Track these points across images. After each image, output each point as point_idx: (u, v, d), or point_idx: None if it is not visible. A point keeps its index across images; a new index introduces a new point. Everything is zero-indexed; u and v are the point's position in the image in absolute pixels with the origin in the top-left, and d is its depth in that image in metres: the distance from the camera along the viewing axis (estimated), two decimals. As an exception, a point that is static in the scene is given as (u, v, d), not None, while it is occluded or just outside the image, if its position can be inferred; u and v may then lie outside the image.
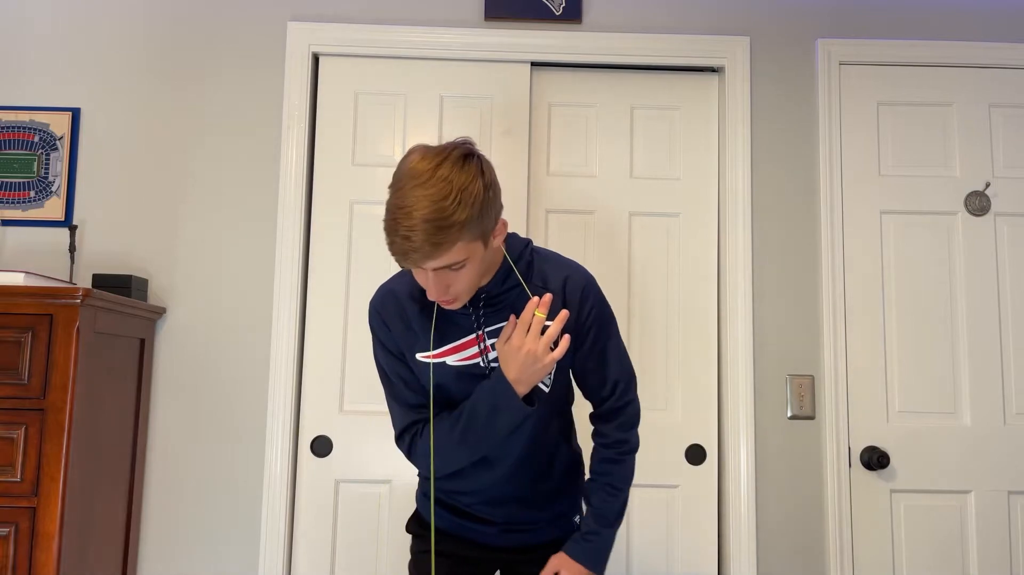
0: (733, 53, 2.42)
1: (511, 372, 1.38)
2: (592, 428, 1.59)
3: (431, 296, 1.36)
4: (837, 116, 2.41)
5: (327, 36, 2.39)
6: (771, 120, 2.42)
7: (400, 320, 1.49)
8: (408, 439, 1.51)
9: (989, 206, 2.40)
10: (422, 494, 1.65)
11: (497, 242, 1.38)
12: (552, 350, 1.38)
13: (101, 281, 2.17)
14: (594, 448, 1.58)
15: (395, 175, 1.31)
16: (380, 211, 2.38)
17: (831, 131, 2.40)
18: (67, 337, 1.85)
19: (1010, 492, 2.31)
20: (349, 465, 2.30)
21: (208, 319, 2.31)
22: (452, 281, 1.34)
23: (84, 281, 2.30)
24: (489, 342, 1.46)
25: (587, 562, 1.51)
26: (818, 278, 2.37)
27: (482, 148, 2.40)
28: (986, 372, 2.34)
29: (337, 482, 2.30)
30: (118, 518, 2.13)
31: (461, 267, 1.32)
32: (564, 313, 1.37)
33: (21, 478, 1.81)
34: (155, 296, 2.32)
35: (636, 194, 2.43)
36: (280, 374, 2.28)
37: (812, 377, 2.33)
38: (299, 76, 2.38)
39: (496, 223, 1.35)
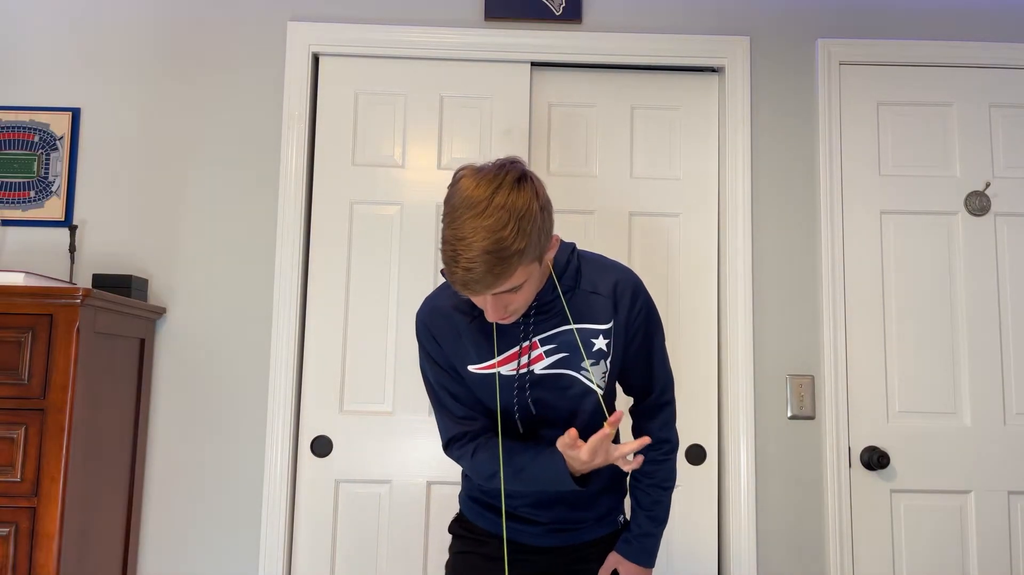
0: (733, 53, 2.42)
1: (574, 469, 1.38)
2: (632, 424, 1.63)
3: (490, 318, 1.35)
4: (837, 116, 2.41)
5: (327, 36, 2.39)
6: (771, 120, 2.42)
7: (450, 334, 1.49)
8: (457, 450, 1.52)
9: (989, 206, 2.40)
10: (468, 498, 1.65)
11: (550, 256, 1.38)
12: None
13: (101, 281, 2.17)
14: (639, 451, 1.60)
15: (449, 203, 1.29)
16: (380, 211, 2.38)
17: (831, 131, 2.40)
18: (67, 337, 1.85)
19: (1010, 492, 2.31)
20: (349, 465, 2.30)
21: (208, 319, 2.31)
22: (510, 302, 1.34)
23: (84, 281, 2.30)
24: (543, 348, 1.46)
25: (641, 560, 1.57)
26: (818, 278, 2.37)
27: (482, 148, 2.42)
28: (986, 372, 2.34)
29: (337, 482, 2.30)
30: (118, 518, 2.13)
31: (519, 289, 1.33)
32: (644, 440, 1.33)
33: (21, 478, 1.81)
34: (155, 296, 2.32)
35: (636, 194, 2.43)
36: (280, 374, 2.28)
37: (812, 377, 2.33)
38: (299, 76, 2.38)
39: (550, 240, 1.35)
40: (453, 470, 2.30)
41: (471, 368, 1.49)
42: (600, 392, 1.49)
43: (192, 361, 2.30)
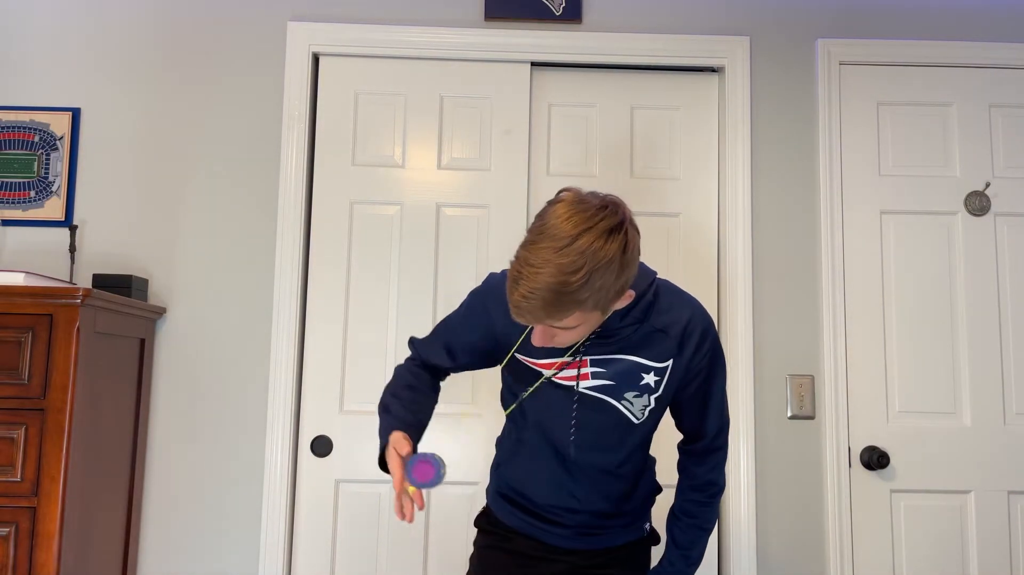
0: (733, 53, 2.42)
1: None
2: (678, 459, 1.59)
3: (535, 342, 1.32)
4: (837, 116, 2.41)
5: (327, 36, 2.39)
6: (771, 120, 2.42)
7: (507, 315, 1.45)
8: (408, 359, 1.59)
9: (989, 206, 2.40)
10: (497, 493, 1.64)
11: (620, 305, 1.32)
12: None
13: (101, 281, 2.17)
14: (680, 487, 1.58)
15: (537, 221, 1.25)
16: (380, 211, 2.38)
17: (831, 131, 2.40)
18: (67, 337, 1.85)
19: (1010, 492, 2.31)
20: (349, 465, 2.30)
21: (208, 319, 2.31)
22: (557, 335, 1.31)
23: (84, 281, 2.30)
24: (591, 369, 1.43)
25: None
26: (818, 278, 2.37)
27: (482, 148, 2.42)
28: (986, 372, 2.34)
29: (337, 482, 2.30)
30: (118, 518, 2.13)
31: (572, 329, 1.29)
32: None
33: (21, 478, 1.81)
34: (155, 296, 2.32)
35: (635, 194, 2.43)
36: (280, 374, 2.28)
37: (812, 377, 2.33)
38: (299, 76, 2.38)
39: (622, 295, 1.28)
40: (454, 470, 2.30)
41: (519, 356, 1.47)
42: (636, 422, 1.47)
43: (192, 361, 2.30)
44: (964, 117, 2.43)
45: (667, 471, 2.42)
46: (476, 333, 1.52)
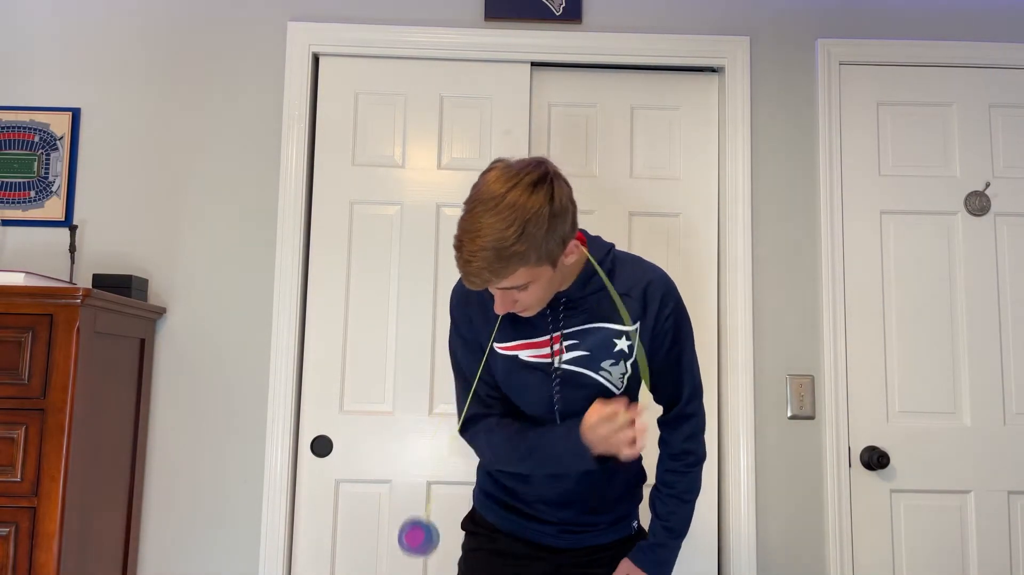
0: (733, 53, 2.42)
1: (592, 444, 1.38)
2: (659, 436, 1.61)
3: (497, 309, 1.39)
4: (837, 116, 2.41)
5: (327, 36, 2.39)
6: (771, 120, 2.42)
7: (480, 311, 1.52)
8: (473, 430, 1.53)
9: (989, 206, 2.40)
10: (481, 492, 1.65)
11: (570, 260, 1.38)
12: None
13: (101, 281, 2.17)
14: (660, 457, 1.59)
15: (472, 190, 1.33)
16: (380, 211, 2.39)
17: (831, 131, 2.40)
18: (67, 337, 1.85)
19: (1010, 492, 2.31)
20: (349, 465, 2.30)
21: (208, 319, 2.31)
22: (518, 298, 1.37)
23: (84, 281, 2.30)
24: (565, 343, 1.47)
25: (653, 571, 1.54)
26: (818, 278, 2.37)
27: (482, 148, 2.42)
28: (986, 372, 2.34)
29: (337, 482, 2.30)
30: (118, 518, 2.13)
31: (525, 288, 1.35)
32: (643, 426, 1.34)
33: (21, 478, 1.81)
34: (155, 296, 2.32)
35: (636, 194, 2.43)
36: (280, 374, 2.28)
37: (812, 377, 2.33)
38: (299, 76, 2.38)
39: (566, 245, 1.35)
40: (453, 470, 2.30)
41: (497, 346, 1.51)
42: (616, 392, 1.49)
43: (192, 361, 2.30)
44: (964, 117, 2.43)
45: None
46: (476, 342, 1.53)
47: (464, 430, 1.55)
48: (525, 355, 1.49)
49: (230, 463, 2.27)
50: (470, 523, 1.67)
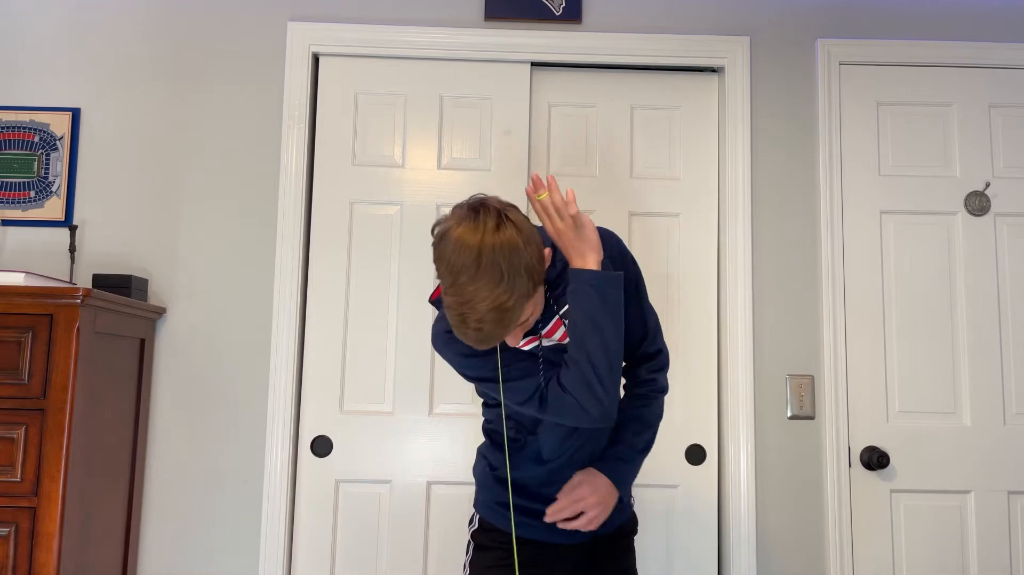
0: (733, 53, 2.42)
1: (580, 258, 1.42)
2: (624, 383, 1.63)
3: (513, 343, 1.44)
4: (837, 116, 2.41)
5: (327, 36, 2.39)
6: (771, 120, 2.42)
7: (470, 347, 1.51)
8: (539, 397, 1.48)
9: (989, 206, 2.40)
10: (494, 502, 1.63)
11: (547, 264, 1.42)
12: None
13: (101, 281, 2.17)
14: (625, 394, 1.63)
15: (442, 263, 1.33)
16: (380, 211, 2.39)
17: (831, 131, 2.40)
18: (67, 337, 1.85)
19: (1010, 492, 2.31)
20: (349, 465, 2.30)
21: (208, 319, 2.31)
22: (524, 327, 1.42)
23: (84, 281, 2.30)
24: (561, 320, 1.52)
25: (612, 476, 1.56)
26: (818, 278, 2.37)
27: (482, 148, 2.42)
28: (986, 372, 2.34)
29: (337, 482, 2.30)
30: (118, 518, 2.13)
31: (530, 318, 1.41)
32: (569, 192, 1.43)
33: (21, 478, 1.81)
34: (155, 296, 2.32)
35: (636, 194, 2.43)
36: (280, 374, 2.28)
37: (812, 377, 2.33)
38: (299, 76, 2.38)
39: (543, 263, 1.38)
40: (453, 470, 2.30)
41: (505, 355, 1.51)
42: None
43: (192, 361, 2.30)
44: (964, 117, 2.43)
45: (667, 472, 2.42)
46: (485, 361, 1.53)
47: (530, 402, 1.50)
48: (529, 347, 1.51)
49: (230, 463, 2.27)
50: (485, 537, 1.64)
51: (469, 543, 1.66)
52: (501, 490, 1.63)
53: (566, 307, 1.48)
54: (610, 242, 1.54)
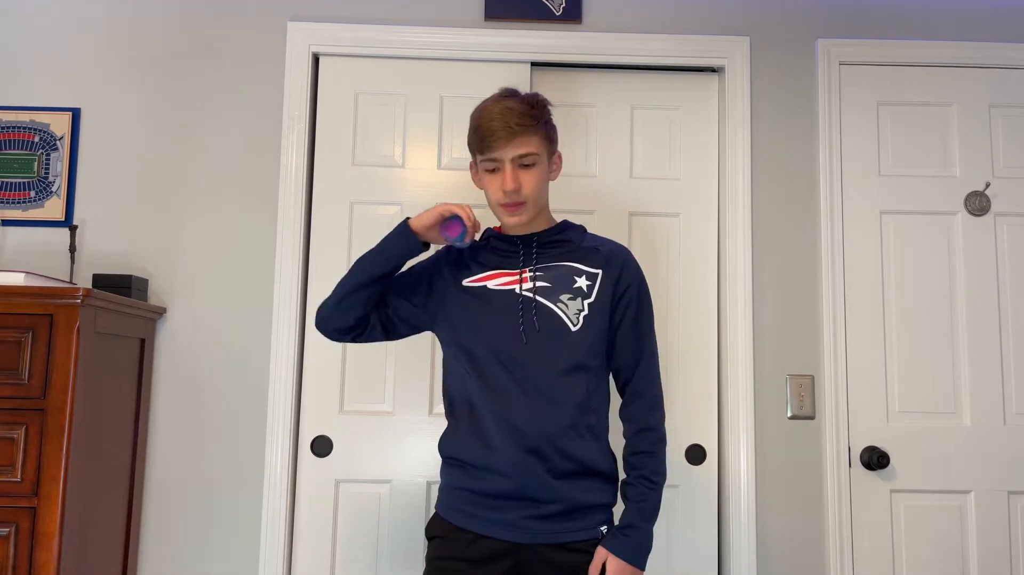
0: (733, 53, 2.42)
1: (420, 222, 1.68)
2: (620, 417, 1.67)
3: (506, 186, 1.58)
4: (837, 116, 2.41)
5: (327, 36, 2.39)
6: (771, 120, 2.42)
7: (454, 260, 1.74)
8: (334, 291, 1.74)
9: (989, 206, 2.40)
10: (446, 491, 1.65)
11: (554, 174, 1.72)
12: None
13: (101, 281, 2.17)
14: (625, 443, 1.64)
15: (477, 107, 1.65)
16: (380, 211, 2.39)
17: (831, 131, 2.40)
18: (67, 337, 1.85)
19: (1010, 492, 2.31)
20: (349, 465, 2.30)
21: (208, 319, 2.31)
22: (524, 179, 1.59)
23: (84, 281, 2.30)
24: (533, 275, 1.65)
25: (629, 557, 1.54)
26: (818, 278, 2.37)
27: (482, 148, 2.41)
28: (986, 372, 2.34)
29: (337, 482, 2.30)
30: (118, 518, 2.13)
31: (533, 164, 1.60)
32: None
33: (21, 478, 1.81)
34: (155, 296, 2.32)
35: (636, 194, 2.43)
36: (280, 374, 2.28)
37: (812, 377, 2.33)
38: (299, 76, 2.38)
39: (555, 148, 1.68)
40: (453, 470, 2.30)
41: (466, 281, 1.69)
42: (572, 328, 1.60)
43: (192, 361, 2.30)
44: (964, 117, 2.43)
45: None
46: (435, 268, 1.75)
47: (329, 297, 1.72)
48: (494, 284, 1.66)
49: (230, 463, 2.27)
50: (433, 529, 1.65)
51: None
52: (451, 473, 1.65)
53: (542, 265, 1.66)
54: (614, 259, 1.67)
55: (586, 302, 1.62)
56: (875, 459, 2.26)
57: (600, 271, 1.65)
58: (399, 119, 2.42)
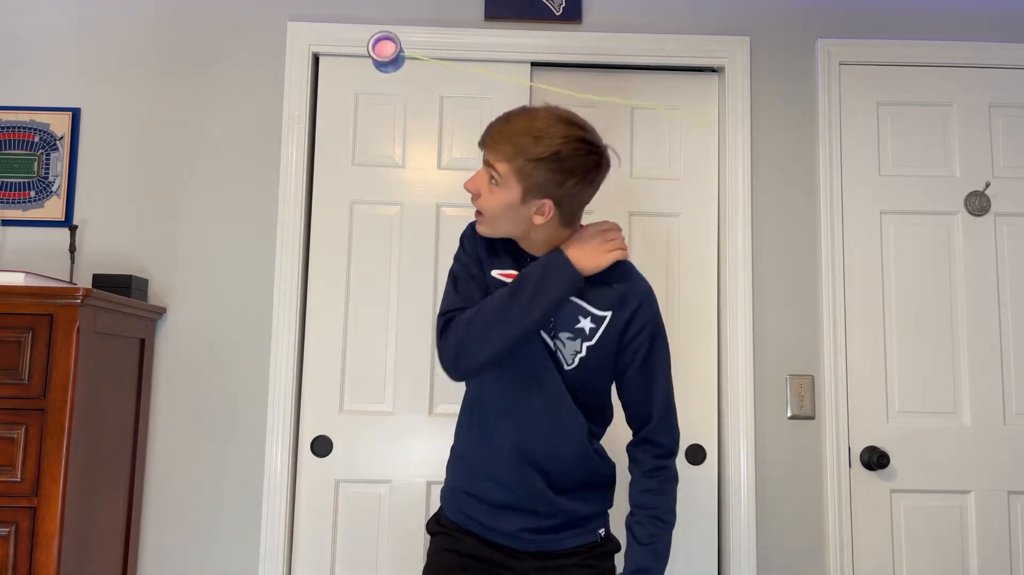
0: (733, 53, 2.42)
1: (579, 258, 1.47)
2: (628, 459, 1.59)
3: (466, 182, 1.49)
4: (837, 116, 2.41)
5: (327, 36, 2.39)
6: (771, 120, 2.42)
7: (485, 245, 1.57)
8: (457, 318, 1.50)
9: (989, 206, 2.40)
10: (451, 488, 1.64)
11: (538, 220, 1.45)
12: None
13: (101, 281, 2.17)
14: (632, 479, 1.56)
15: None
16: (380, 211, 2.39)
17: (831, 131, 2.40)
18: (67, 337, 1.85)
19: (1010, 492, 2.31)
20: (349, 465, 2.30)
21: (208, 319, 2.31)
22: (485, 192, 1.46)
23: (84, 281, 2.30)
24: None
25: None
26: (818, 278, 2.37)
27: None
28: (986, 372, 2.34)
29: (337, 482, 2.30)
30: (118, 518, 2.13)
31: (497, 184, 1.44)
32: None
33: (21, 478, 1.81)
34: (155, 296, 2.32)
35: (636, 194, 2.43)
36: (280, 374, 2.28)
37: (812, 377, 2.33)
38: (299, 76, 2.38)
39: (539, 195, 1.42)
40: (453, 470, 2.30)
41: (495, 273, 1.55)
42: (566, 367, 1.52)
43: (192, 361, 2.30)
44: (964, 117, 2.43)
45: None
46: (477, 261, 1.57)
47: (446, 323, 1.52)
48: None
49: (230, 463, 2.27)
50: (435, 525, 1.65)
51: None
52: (456, 473, 1.64)
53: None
54: (629, 300, 1.53)
55: (585, 344, 1.52)
56: (875, 459, 2.26)
57: (609, 314, 1.51)
58: (399, 119, 2.42)
